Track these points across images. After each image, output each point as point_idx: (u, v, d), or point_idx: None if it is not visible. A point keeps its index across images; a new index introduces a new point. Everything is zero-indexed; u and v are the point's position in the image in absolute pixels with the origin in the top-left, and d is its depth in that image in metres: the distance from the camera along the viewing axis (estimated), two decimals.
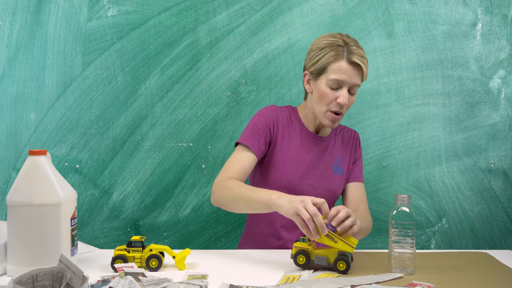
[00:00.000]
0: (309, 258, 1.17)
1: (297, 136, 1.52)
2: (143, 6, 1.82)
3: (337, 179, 1.53)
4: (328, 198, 1.52)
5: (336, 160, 1.55)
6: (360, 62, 1.39)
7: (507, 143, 1.85)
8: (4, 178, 1.83)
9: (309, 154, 1.51)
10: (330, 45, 1.40)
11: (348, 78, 1.39)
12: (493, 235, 1.86)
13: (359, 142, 1.62)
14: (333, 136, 1.57)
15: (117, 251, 1.19)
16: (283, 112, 1.54)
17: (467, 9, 1.84)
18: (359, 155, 1.61)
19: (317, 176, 1.51)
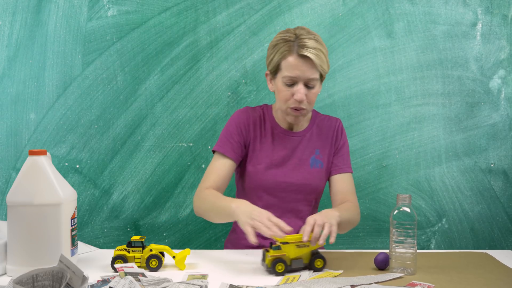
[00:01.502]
0: (287, 264, 1.15)
1: (269, 135, 1.51)
2: (143, 6, 1.82)
3: (315, 173, 1.51)
4: (307, 193, 1.51)
5: (314, 153, 1.52)
6: (309, 54, 1.36)
7: (507, 143, 1.85)
8: (4, 178, 1.83)
9: (282, 152, 1.50)
10: (281, 41, 1.40)
11: (300, 73, 1.37)
12: (493, 235, 1.86)
13: (341, 130, 1.56)
14: (310, 129, 1.54)
15: (117, 251, 1.19)
16: (256, 113, 1.53)
17: (467, 9, 1.84)
18: (343, 144, 1.56)
19: (292, 172, 1.49)
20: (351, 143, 1.84)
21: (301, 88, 1.38)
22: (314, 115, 1.58)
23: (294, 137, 1.52)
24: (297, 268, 1.17)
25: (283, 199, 1.50)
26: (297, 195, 1.51)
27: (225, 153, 1.46)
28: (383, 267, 1.20)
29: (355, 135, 1.84)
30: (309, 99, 1.42)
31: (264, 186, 1.49)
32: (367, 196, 1.85)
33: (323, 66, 1.41)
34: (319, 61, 1.38)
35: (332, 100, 1.84)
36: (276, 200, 1.50)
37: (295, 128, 1.53)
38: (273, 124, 1.53)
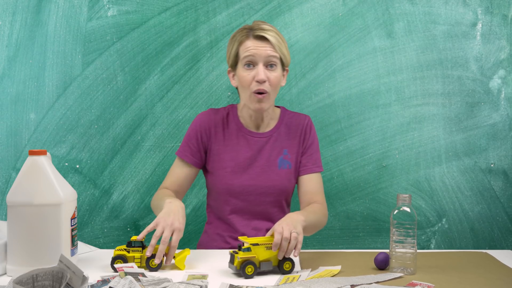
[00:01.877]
0: (256, 266, 1.14)
1: (233, 137, 1.50)
2: (143, 6, 1.82)
3: (283, 173, 1.49)
4: (276, 195, 1.49)
5: (281, 153, 1.50)
6: (264, 34, 1.40)
7: (507, 143, 1.85)
8: (4, 178, 1.83)
9: (247, 153, 1.49)
10: (237, 33, 1.45)
11: (258, 52, 1.39)
12: (493, 235, 1.86)
13: (310, 128, 1.54)
14: (277, 129, 1.52)
15: (117, 251, 1.19)
16: (219, 114, 1.52)
17: (467, 9, 1.84)
18: (311, 142, 1.53)
19: (259, 175, 1.48)
20: (351, 143, 1.84)
21: (261, 68, 1.39)
22: (283, 114, 1.55)
23: (261, 138, 1.50)
24: (266, 270, 1.16)
25: (251, 203, 1.48)
26: (265, 198, 1.48)
27: (183, 158, 1.49)
28: (383, 267, 1.20)
29: (355, 135, 1.85)
30: (271, 82, 1.41)
31: (230, 191, 1.47)
32: (367, 196, 1.85)
33: (281, 49, 1.43)
34: (276, 41, 1.41)
35: (332, 100, 1.84)
36: (244, 204, 1.48)
37: (261, 128, 1.52)
38: (238, 125, 1.51)
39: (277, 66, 1.42)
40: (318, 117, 1.84)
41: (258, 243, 1.16)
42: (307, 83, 1.84)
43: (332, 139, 1.84)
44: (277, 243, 1.15)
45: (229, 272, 1.18)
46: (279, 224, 1.19)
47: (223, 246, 1.48)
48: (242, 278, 1.13)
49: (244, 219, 1.49)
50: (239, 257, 1.13)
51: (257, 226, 1.49)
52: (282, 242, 1.15)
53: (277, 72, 1.42)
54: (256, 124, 1.51)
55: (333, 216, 1.86)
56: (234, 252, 1.16)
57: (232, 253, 1.16)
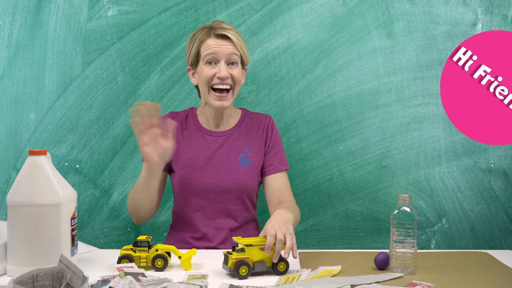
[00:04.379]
0: (250, 267, 1.14)
1: (192, 138, 1.52)
2: (143, 6, 1.82)
3: (244, 171, 1.50)
4: (237, 192, 1.49)
5: (242, 151, 1.52)
6: (225, 33, 1.43)
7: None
8: (4, 178, 1.83)
9: (206, 152, 1.50)
10: (197, 32, 1.48)
11: (219, 50, 1.43)
12: (493, 235, 1.86)
13: (271, 127, 1.56)
14: (237, 128, 1.55)
15: (123, 251, 1.19)
16: (178, 117, 1.55)
17: (467, 9, 1.84)
18: (274, 141, 1.55)
19: (219, 173, 1.49)
20: (351, 143, 1.84)
21: (223, 65, 1.43)
22: (244, 114, 1.59)
23: (220, 136, 1.53)
24: (260, 271, 1.15)
25: (212, 200, 1.49)
26: (226, 195, 1.49)
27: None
28: (383, 267, 1.20)
29: (355, 135, 1.85)
30: (234, 78, 1.45)
31: (191, 190, 1.49)
32: (367, 196, 1.85)
33: (242, 47, 1.47)
34: (237, 40, 1.45)
35: (332, 100, 1.84)
36: (205, 202, 1.49)
37: (221, 127, 1.54)
38: (197, 125, 1.54)
39: (238, 64, 1.46)
40: (318, 117, 1.84)
41: (252, 244, 1.15)
42: (307, 83, 1.84)
43: (332, 139, 1.84)
44: (269, 246, 1.14)
45: (229, 272, 1.18)
46: (271, 226, 1.18)
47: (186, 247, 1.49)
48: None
49: (206, 218, 1.50)
50: (233, 258, 1.13)
51: (219, 225, 1.50)
52: (277, 244, 1.14)
53: (239, 68, 1.47)
54: (216, 123, 1.54)
55: (333, 216, 1.86)
56: (228, 253, 1.15)
57: (226, 253, 1.16)
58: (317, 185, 1.85)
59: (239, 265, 1.12)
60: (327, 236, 1.86)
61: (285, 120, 1.84)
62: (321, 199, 1.85)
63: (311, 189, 1.85)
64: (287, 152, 1.82)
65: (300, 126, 1.84)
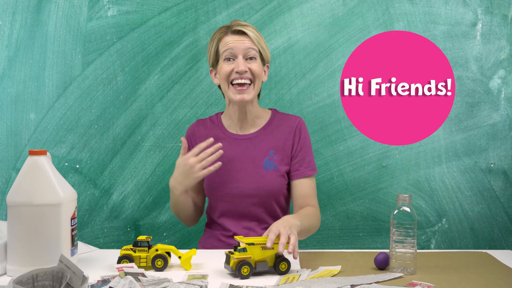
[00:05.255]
0: (252, 266, 1.13)
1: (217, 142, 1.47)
2: (143, 6, 1.82)
3: (269, 175, 1.47)
4: (263, 197, 1.46)
5: (267, 155, 1.49)
6: (242, 28, 1.44)
7: (507, 143, 1.85)
8: (4, 178, 1.83)
9: (231, 156, 1.48)
10: (215, 33, 1.49)
11: (237, 45, 1.43)
12: (493, 235, 1.86)
13: (300, 130, 1.52)
14: (263, 130, 1.52)
15: (123, 251, 1.19)
16: (203, 125, 1.56)
17: (467, 9, 1.84)
18: (302, 145, 1.51)
19: (243, 177, 1.47)
20: (351, 143, 1.84)
21: (241, 60, 1.43)
22: (273, 115, 1.55)
23: (244, 139, 1.51)
24: (261, 271, 1.15)
25: (238, 205, 1.47)
26: (252, 200, 1.47)
27: None
28: (383, 267, 1.20)
29: (355, 135, 1.84)
30: (254, 71, 1.44)
31: (217, 194, 1.48)
32: (367, 196, 1.85)
33: (260, 43, 1.46)
34: (255, 36, 1.45)
35: (332, 100, 1.84)
36: (231, 206, 1.48)
37: (246, 129, 1.52)
38: (222, 130, 1.54)
39: (257, 59, 1.45)
40: (318, 117, 1.84)
41: (254, 242, 1.15)
42: (307, 83, 1.84)
43: (332, 139, 1.84)
44: (272, 239, 1.14)
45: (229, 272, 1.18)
46: (276, 226, 1.19)
47: (217, 245, 1.50)
48: (238, 278, 1.13)
49: (234, 220, 1.49)
50: (235, 257, 1.13)
51: (247, 226, 1.49)
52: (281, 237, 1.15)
53: (258, 61, 1.45)
54: (240, 124, 1.52)
55: (333, 216, 1.86)
56: (230, 253, 1.15)
57: (227, 253, 1.16)
58: (317, 185, 1.83)
59: (241, 264, 1.12)
60: (327, 236, 1.86)
61: None
62: (321, 199, 1.85)
63: None
64: None
65: None
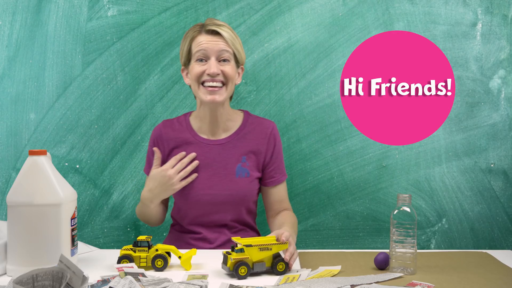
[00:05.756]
0: (249, 267, 1.14)
1: (187, 147, 1.48)
2: (143, 6, 1.82)
3: (242, 182, 1.46)
4: (235, 203, 1.46)
5: (240, 161, 1.47)
6: (216, 28, 1.40)
7: (507, 143, 1.85)
8: (4, 178, 1.83)
9: (202, 162, 1.46)
10: (189, 30, 1.47)
11: (210, 46, 1.39)
12: (493, 235, 1.86)
13: (275, 137, 1.51)
14: (236, 135, 1.50)
15: (123, 251, 1.19)
16: (170, 127, 1.52)
17: (467, 9, 1.84)
18: (277, 152, 1.51)
19: (215, 183, 1.45)
20: (351, 143, 1.84)
21: (213, 62, 1.39)
22: (246, 119, 1.54)
23: (216, 145, 1.48)
24: (259, 271, 1.15)
25: (209, 211, 1.46)
26: (224, 206, 1.46)
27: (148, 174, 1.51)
28: (383, 267, 1.20)
29: (355, 135, 1.84)
30: (226, 74, 1.40)
31: (188, 200, 1.46)
32: (367, 196, 1.85)
33: (235, 44, 1.42)
34: (229, 37, 1.41)
35: (332, 100, 1.84)
36: (202, 213, 1.47)
37: (217, 134, 1.49)
38: (192, 134, 1.50)
39: (230, 61, 1.42)
40: (318, 117, 1.84)
41: (252, 244, 1.15)
42: (307, 83, 1.84)
43: (332, 139, 1.84)
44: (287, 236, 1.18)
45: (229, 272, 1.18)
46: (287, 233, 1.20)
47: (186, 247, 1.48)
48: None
49: (203, 226, 1.49)
50: (232, 258, 1.13)
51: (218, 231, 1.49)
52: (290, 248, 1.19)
53: (231, 64, 1.42)
54: (211, 128, 1.49)
55: (333, 216, 1.86)
56: (227, 253, 1.15)
57: (225, 254, 1.16)
58: (317, 185, 1.85)
59: (238, 265, 1.12)
60: (327, 236, 1.86)
61: (285, 120, 1.84)
62: (321, 199, 1.85)
63: (311, 189, 1.85)
64: (287, 152, 1.82)
65: (300, 126, 1.84)
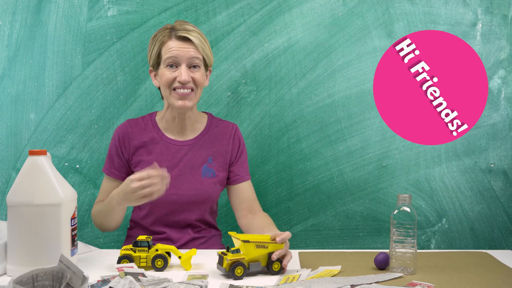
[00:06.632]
0: (245, 267, 1.14)
1: (154, 147, 1.48)
2: (143, 6, 1.82)
3: (207, 182, 1.48)
4: (199, 203, 1.47)
5: (206, 161, 1.49)
6: (187, 35, 1.40)
7: (507, 143, 1.86)
8: (4, 178, 1.83)
9: (169, 163, 1.47)
10: (159, 32, 1.44)
11: (181, 53, 1.39)
12: (493, 235, 1.87)
13: (239, 138, 1.55)
14: (202, 136, 1.51)
15: (123, 251, 1.19)
16: (136, 126, 1.51)
17: (467, 9, 1.84)
18: (241, 151, 1.54)
19: (182, 183, 1.46)
20: (351, 143, 1.84)
21: (184, 69, 1.40)
22: (210, 121, 1.55)
23: (182, 146, 1.49)
24: (255, 271, 1.16)
25: (174, 210, 1.47)
26: (189, 206, 1.47)
27: (109, 174, 1.50)
28: (383, 267, 1.20)
29: (355, 135, 1.85)
30: (196, 81, 1.42)
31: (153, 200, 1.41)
32: (367, 196, 1.85)
33: (204, 49, 1.43)
34: (199, 42, 1.41)
35: (332, 100, 1.84)
36: (167, 212, 1.47)
37: (184, 135, 1.50)
38: (158, 134, 1.50)
39: (200, 67, 1.43)
40: (318, 117, 1.84)
41: (249, 240, 1.15)
42: (307, 83, 1.84)
43: (332, 139, 1.84)
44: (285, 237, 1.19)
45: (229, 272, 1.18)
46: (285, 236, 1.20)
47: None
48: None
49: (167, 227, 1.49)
50: (228, 259, 1.13)
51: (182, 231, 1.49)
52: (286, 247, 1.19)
53: (201, 70, 1.44)
54: (178, 129, 1.50)
55: (333, 216, 1.86)
56: (223, 254, 1.15)
57: (220, 254, 1.16)
58: (317, 185, 1.85)
59: (235, 266, 1.12)
60: (327, 236, 1.86)
61: (285, 120, 1.84)
62: (321, 199, 1.85)
63: (311, 189, 1.85)
64: (287, 152, 1.82)
65: (300, 126, 1.84)
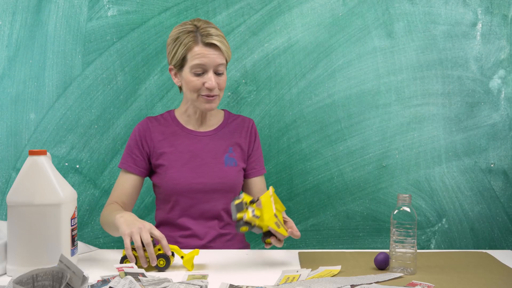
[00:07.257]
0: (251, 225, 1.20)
1: (176, 138, 1.51)
2: (143, 6, 1.82)
3: (231, 171, 1.51)
4: (224, 192, 1.49)
5: (227, 151, 1.52)
6: (216, 42, 1.40)
7: (507, 143, 1.86)
8: (4, 178, 1.83)
9: (192, 152, 1.49)
10: (182, 33, 1.42)
11: (209, 61, 1.40)
12: (493, 235, 1.86)
13: (255, 132, 1.58)
14: (221, 128, 1.55)
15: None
16: (156, 121, 1.53)
17: (467, 9, 1.84)
18: (258, 145, 1.58)
19: (207, 172, 1.49)
20: (351, 143, 1.84)
21: (212, 76, 1.41)
22: (227, 115, 1.59)
23: (204, 136, 1.53)
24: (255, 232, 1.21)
25: (200, 200, 1.48)
26: (214, 195, 1.49)
27: (128, 168, 1.49)
28: (383, 267, 1.20)
29: (355, 135, 1.85)
30: (220, 86, 1.45)
31: (178, 190, 1.47)
32: (367, 196, 1.85)
33: (228, 52, 1.46)
34: (224, 48, 1.43)
35: (332, 100, 1.84)
36: (193, 202, 1.48)
37: (204, 127, 1.54)
38: (179, 127, 1.53)
39: (224, 69, 1.46)
40: (318, 117, 1.84)
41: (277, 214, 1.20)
42: (307, 83, 1.84)
43: (332, 139, 1.85)
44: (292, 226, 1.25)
45: (229, 272, 1.18)
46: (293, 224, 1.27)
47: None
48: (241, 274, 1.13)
49: (193, 218, 1.50)
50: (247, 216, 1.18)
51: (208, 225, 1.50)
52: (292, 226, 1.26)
53: (224, 75, 1.46)
54: (199, 122, 1.54)
55: (333, 216, 1.86)
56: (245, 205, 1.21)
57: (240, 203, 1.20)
58: (317, 185, 1.85)
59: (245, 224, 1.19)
60: (327, 236, 1.86)
61: (285, 120, 1.84)
62: (321, 199, 1.85)
63: (311, 189, 1.85)
64: (287, 152, 1.82)
65: (300, 126, 1.84)
